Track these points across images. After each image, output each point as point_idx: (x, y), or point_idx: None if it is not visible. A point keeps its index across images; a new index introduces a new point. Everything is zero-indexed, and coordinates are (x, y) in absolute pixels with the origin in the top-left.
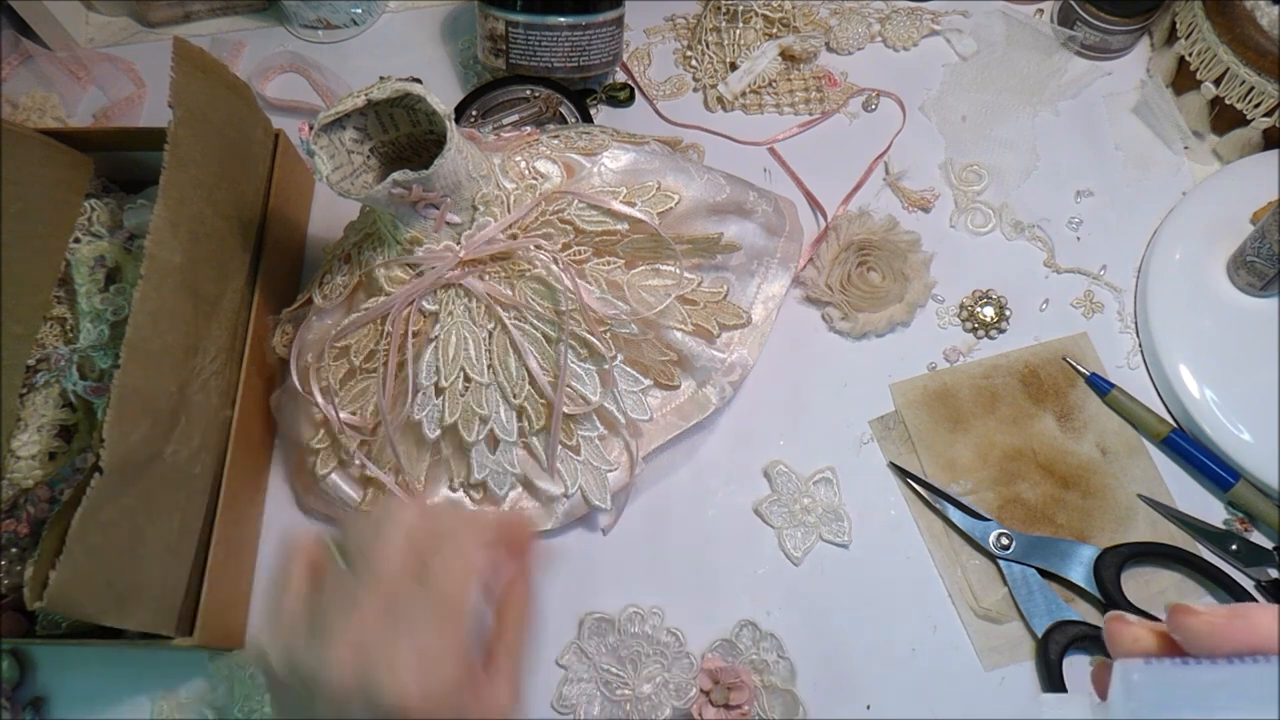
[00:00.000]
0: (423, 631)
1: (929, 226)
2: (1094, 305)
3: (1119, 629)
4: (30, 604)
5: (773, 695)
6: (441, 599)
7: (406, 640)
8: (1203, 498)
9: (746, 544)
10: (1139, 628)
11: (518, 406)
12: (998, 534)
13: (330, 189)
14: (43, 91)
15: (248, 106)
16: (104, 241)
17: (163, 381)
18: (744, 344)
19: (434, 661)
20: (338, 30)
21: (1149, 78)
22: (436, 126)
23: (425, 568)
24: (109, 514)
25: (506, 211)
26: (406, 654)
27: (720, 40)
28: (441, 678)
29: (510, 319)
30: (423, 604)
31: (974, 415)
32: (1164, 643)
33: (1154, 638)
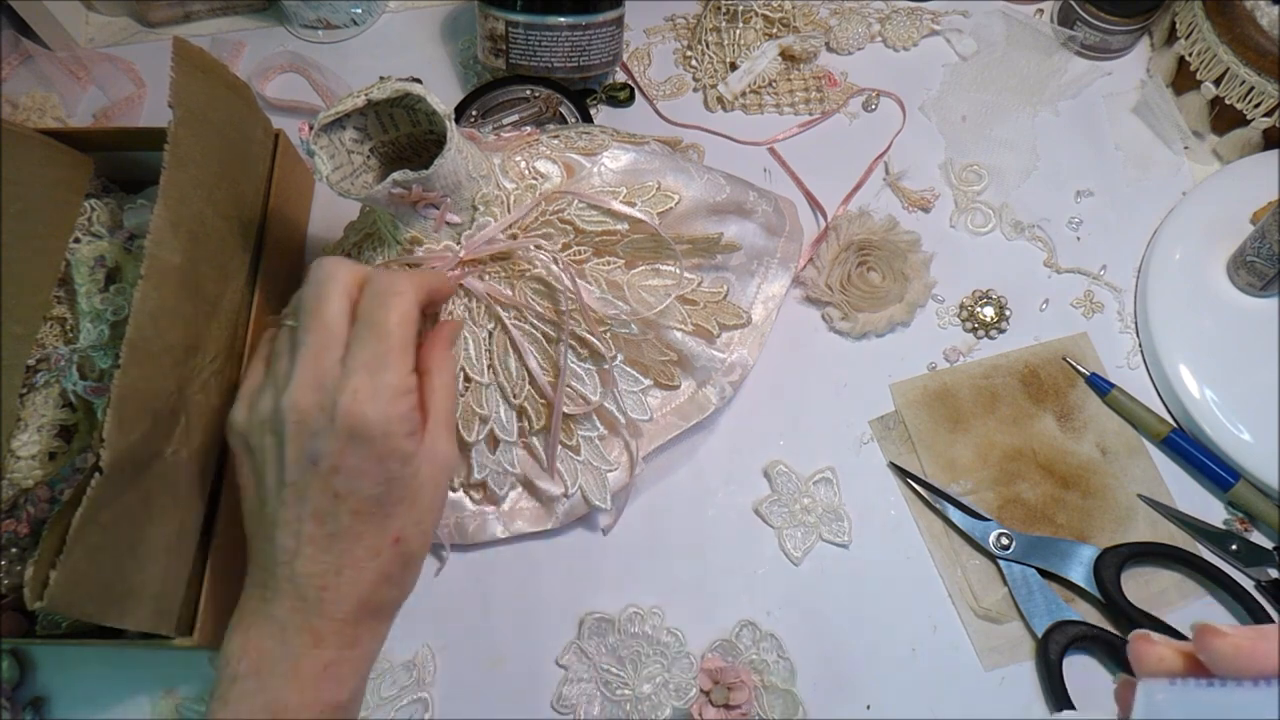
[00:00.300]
0: (372, 365)
1: (929, 226)
2: (1094, 305)
3: (1144, 648)
4: (30, 604)
5: (773, 695)
6: (380, 333)
7: (362, 374)
8: (1203, 498)
9: (746, 544)
10: (1164, 647)
11: (518, 406)
12: (998, 534)
13: (330, 189)
14: (43, 91)
15: (248, 106)
16: (104, 241)
17: (163, 381)
18: (744, 344)
19: (387, 389)
20: (338, 30)
21: (1149, 78)
22: (436, 126)
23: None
24: (109, 514)
25: (506, 211)
26: (363, 382)
27: (720, 40)
28: (396, 405)
29: (510, 319)
30: (366, 341)
31: (974, 415)
32: (1189, 663)
33: (1179, 658)
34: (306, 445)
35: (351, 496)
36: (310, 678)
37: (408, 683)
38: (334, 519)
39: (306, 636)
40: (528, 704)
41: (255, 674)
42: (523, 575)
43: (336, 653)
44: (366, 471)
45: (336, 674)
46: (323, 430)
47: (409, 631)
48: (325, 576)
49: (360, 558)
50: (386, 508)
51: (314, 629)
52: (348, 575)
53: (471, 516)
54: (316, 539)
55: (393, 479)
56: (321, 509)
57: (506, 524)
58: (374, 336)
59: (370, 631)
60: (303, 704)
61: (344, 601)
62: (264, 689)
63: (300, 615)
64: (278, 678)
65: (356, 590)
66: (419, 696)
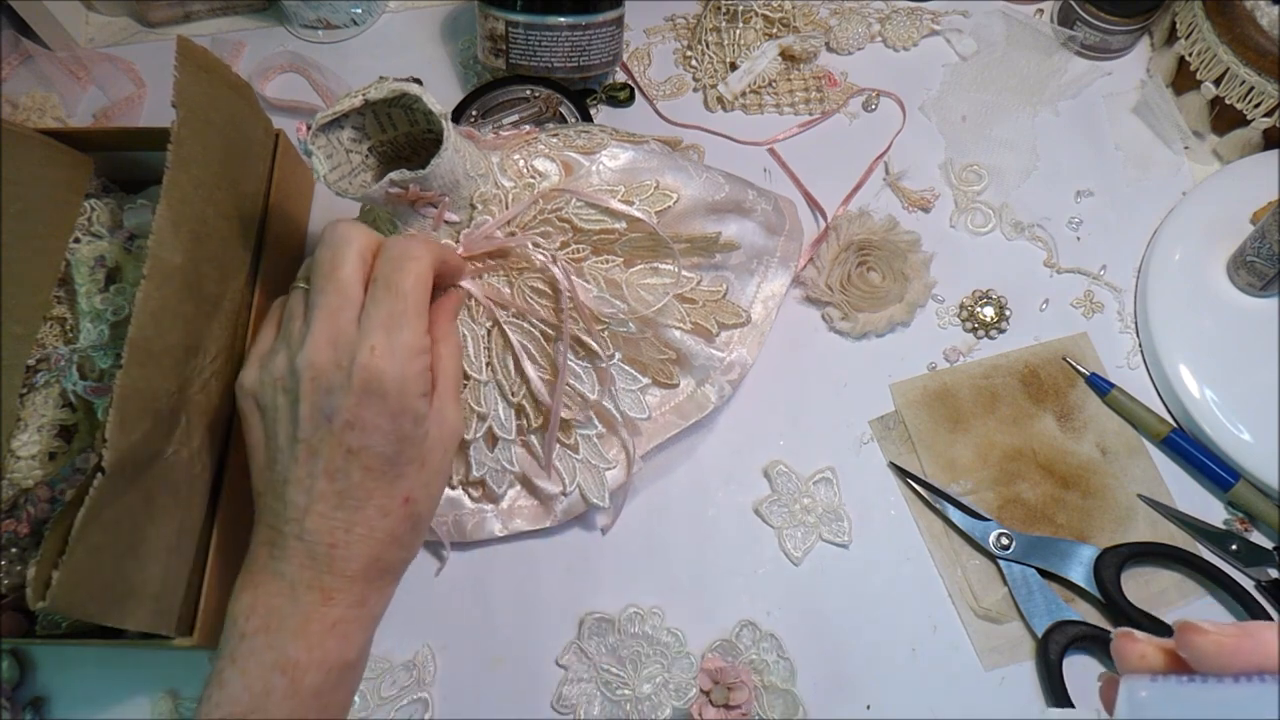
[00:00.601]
0: (388, 324)
1: (929, 226)
2: (1094, 305)
3: (1127, 645)
4: (33, 604)
5: (773, 695)
6: (397, 294)
7: (379, 333)
8: (1203, 498)
9: (746, 544)
10: (1147, 644)
11: (516, 404)
12: (998, 534)
13: (328, 188)
14: (43, 91)
15: (249, 106)
16: (104, 241)
17: (164, 381)
18: (743, 343)
19: (403, 348)
20: (338, 30)
21: (1149, 78)
22: (434, 126)
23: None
24: (111, 514)
25: (504, 210)
26: (380, 340)
27: (720, 40)
28: (412, 364)
29: (508, 318)
30: (383, 301)
31: (974, 415)
32: (1171, 660)
33: (1161, 655)
34: (321, 401)
35: (364, 453)
36: (319, 635)
37: (408, 683)
38: (345, 476)
39: (316, 594)
40: (528, 704)
41: (264, 631)
42: (522, 575)
43: (345, 610)
44: (380, 427)
45: (344, 632)
46: (339, 386)
47: (409, 631)
48: (335, 534)
49: (370, 516)
50: (398, 467)
51: (323, 586)
52: (358, 533)
53: (470, 514)
54: (328, 495)
55: (405, 438)
56: (334, 465)
57: (505, 522)
58: (390, 297)
59: (378, 591)
60: (311, 661)
61: (354, 560)
62: (273, 645)
63: (310, 572)
64: (286, 634)
65: (366, 548)
66: (419, 696)
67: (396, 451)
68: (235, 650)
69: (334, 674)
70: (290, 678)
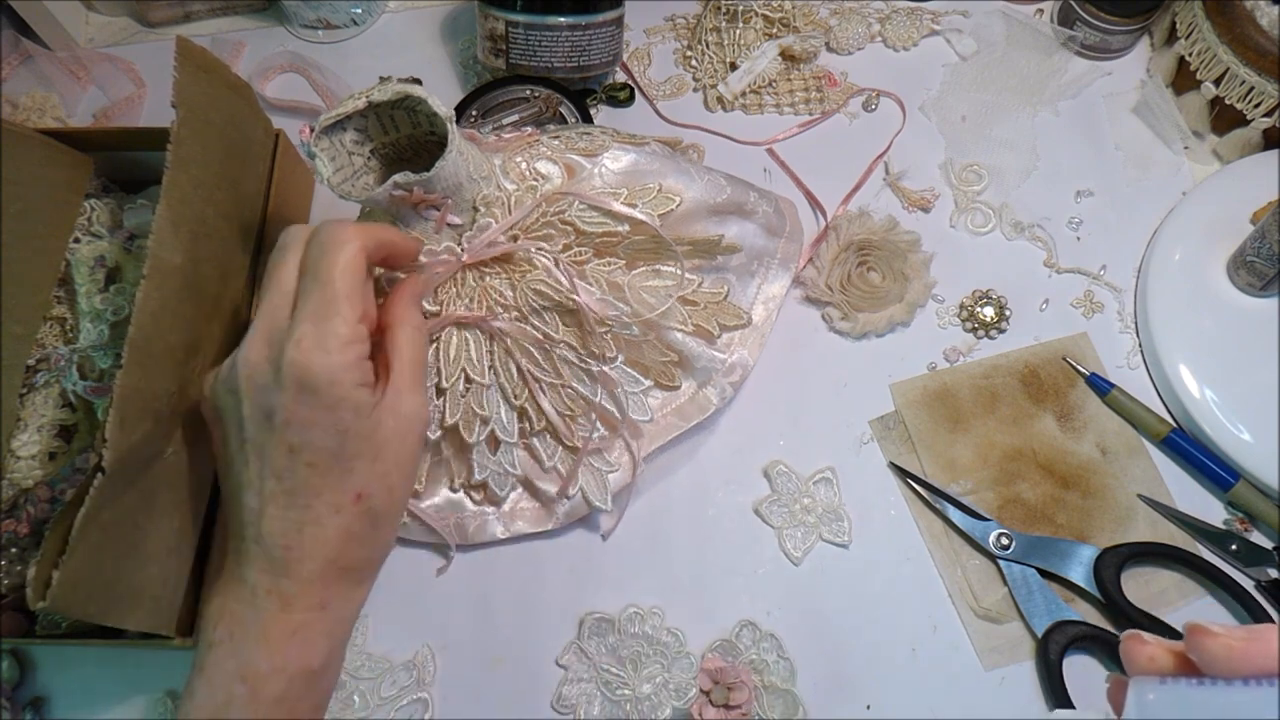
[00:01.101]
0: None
1: (929, 226)
2: (1094, 305)
3: (1135, 647)
4: (34, 604)
5: (773, 695)
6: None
7: (306, 324)
8: (1203, 498)
9: (746, 544)
10: (1155, 647)
11: (519, 407)
12: (998, 534)
13: (331, 191)
14: (43, 91)
15: (249, 106)
16: (104, 241)
17: (164, 382)
18: (744, 344)
19: (331, 337)
20: (338, 30)
21: (1149, 78)
22: (437, 128)
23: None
24: (111, 514)
25: (507, 213)
26: (307, 331)
27: (720, 40)
28: (343, 354)
29: (510, 320)
30: (310, 292)
31: (974, 415)
32: (1180, 662)
33: (1170, 657)
34: (260, 400)
35: (305, 449)
36: (279, 642)
37: (408, 683)
38: (291, 474)
39: (274, 599)
40: (528, 704)
41: (229, 639)
42: (523, 575)
43: (304, 615)
44: (316, 422)
45: (305, 638)
46: (271, 383)
47: (409, 631)
48: (288, 535)
49: (320, 514)
50: (344, 461)
51: (281, 591)
52: (310, 532)
53: (472, 517)
54: (277, 496)
55: (346, 431)
56: (279, 465)
57: (507, 524)
58: (317, 286)
59: (340, 594)
60: (273, 669)
61: (308, 560)
62: (236, 654)
63: (269, 577)
64: (249, 642)
65: (321, 549)
66: (419, 696)
67: (339, 445)
68: (203, 660)
69: (297, 682)
70: (250, 686)
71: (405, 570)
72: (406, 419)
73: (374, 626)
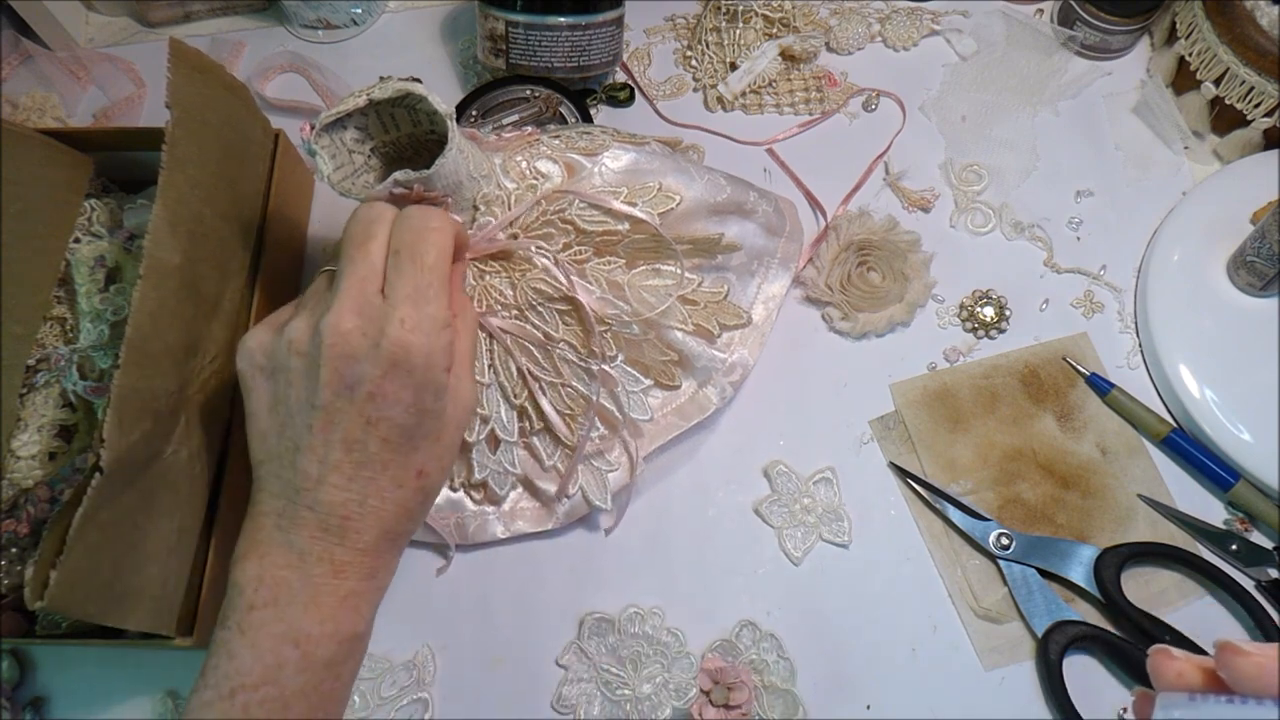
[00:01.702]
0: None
1: (929, 226)
2: (1094, 305)
3: (1163, 662)
4: (31, 604)
5: (773, 695)
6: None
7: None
8: (1203, 498)
9: (746, 544)
10: (1184, 662)
11: (519, 407)
12: (998, 534)
13: (332, 189)
14: (43, 91)
15: (246, 107)
16: (104, 241)
17: (163, 381)
18: (744, 344)
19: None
20: (338, 30)
21: (1149, 78)
22: (438, 126)
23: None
24: (110, 514)
25: (507, 211)
26: (409, 312)
27: (720, 40)
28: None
29: (510, 317)
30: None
31: (974, 415)
32: (1209, 679)
33: (1199, 673)
34: (344, 369)
35: (383, 424)
36: (331, 608)
37: (408, 683)
38: (363, 447)
39: (327, 566)
40: (528, 704)
41: (273, 603)
42: (523, 575)
43: (356, 584)
44: (402, 400)
45: (355, 605)
46: (365, 355)
47: (409, 631)
48: (349, 506)
49: (384, 488)
50: (415, 440)
51: (335, 559)
52: (371, 505)
53: (472, 516)
54: (343, 466)
55: (425, 411)
56: (351, 436)
57: (507, 524)
58: (415, 269)
59: (386, 564)
60: (323, 634)
61: (367, 532)
62: (283, 618)
63: (322, 545)
64: (297, 607)
65: (379, 522)
66: (419, 696)
67: (415, 424)
68: (243, 621)
69: (345, 646)
70: (303, 650)
71: (405, 570)
72: (464, 405)
73: (374, 626)
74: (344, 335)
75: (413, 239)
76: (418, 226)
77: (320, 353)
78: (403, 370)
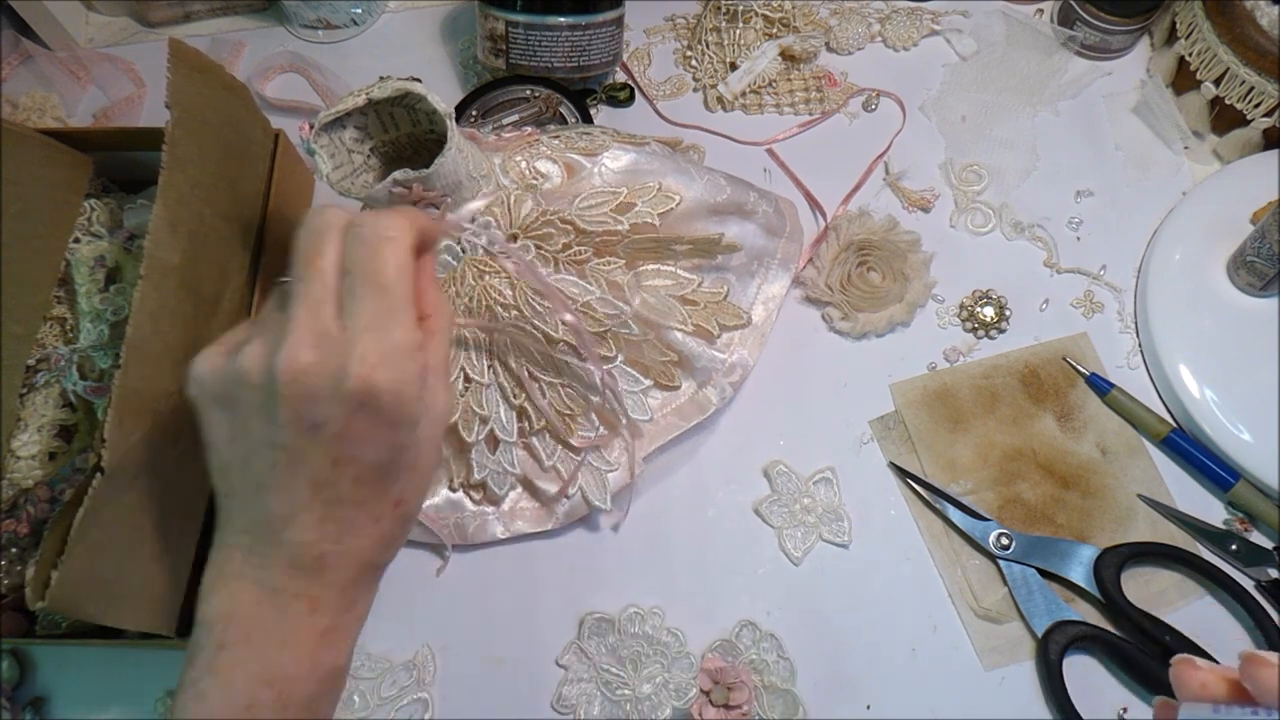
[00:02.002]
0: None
1: (929, 226)
2: (1094, 305)
3: (1187, 672)
4: (32, 604)
5: (773, 695)
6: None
7: (369, 336)
8: (1203, 498)
9: (746, 544)
10: (1209, 673)
11: (518, 407)
12: (998, 534)
13: (331, 188)
14: (43, 91)
15: (245, 107)
16: (104, 241)
17: (163, 381)
18: (744, 344)
19: (397, 352)
20: (338, 30)
21: (1149, 78)
22: (437, 126)
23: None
24: (110, 514)
25: (506, 212)
26: (371, 345)
27: (720, 40)
28: (408, 368)
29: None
30: (365, 296)
31: (974, 415)
32: (1234, 690)
33: (1224, 684)
34: (306, 411)
35: (354, 464)
36: (308, 645)
37: (408, 683)
38: (332, 487)
39: (303, 603)
40: (528, 704)
41: (245, 641)
42: (523, 575)
43: (335, 618)
44: (374, 439)
45: (334, 639)
46: (327, 395)
47: (409, 631)
48: (323, 544)
49: (361, 524)
50: (391, 474)
51: (311, 596)
52: (349, 543)
53: (472, 517)
54: (313, 506)
55: (399, 446)
56: (320, 477)
57: (507, 524)
58: (372, 291)
59: (366, 594)
60: (300, 674)
61: (345, 569)
62: (258, 657)
63: (298, 582)
64: (272, 646)
65: (358, 557)
66: (419, 696)
67: (389, 460)
68: (214, 661)
69: (325, 683)
70: (278, 690)
71: (405, 570)
72: (438, 419)
73: (374, 626)
74: (301, 373)
75: (366, 256)
76: (369, 239)
77: (276, 390)
78: (370, 410)
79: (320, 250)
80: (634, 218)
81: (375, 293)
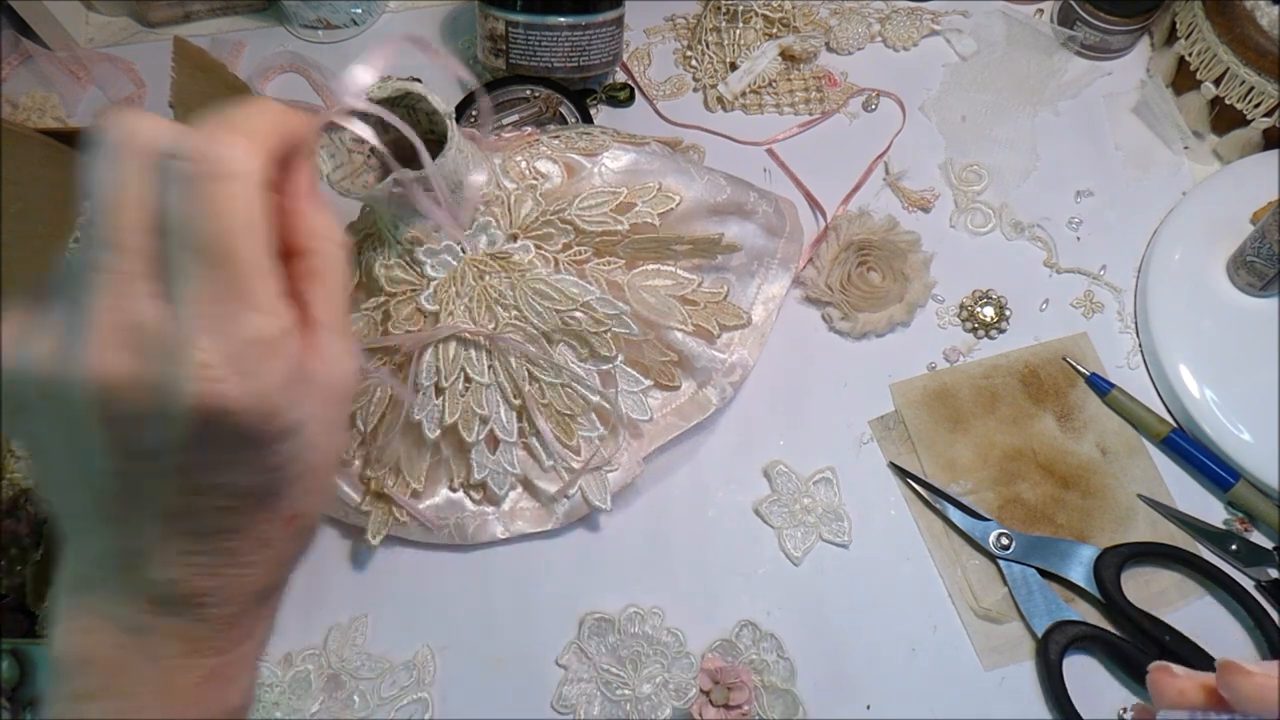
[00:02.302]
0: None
1: (929, 226)
2: (1094, 305)
3: (1164, 680)
4: (34, 605)
5: (773, 695)
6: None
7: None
8: (1203, 498)
9: (746, 544)
10: (1185, 680)
11: (518, 407)
12: (998, 534)
13: (331, 188)
14: (43, 91)
15: None
16: None
17: None
18: (744, 344)
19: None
20: (338, 30)
21: (1149, 78)
22: (437, 126)
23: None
24: None
25: (507, 212)
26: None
27: (720, 40)
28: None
29: (510, 319)
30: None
31: (974, 415)
32: (1210, 697)
33: (1201, 692)
34: (127, 434)
35: (215, 491)
36: (191, 690)
37: (408, 683)
38: (193, 518)
39: (180, 645)
40: (528, 704)
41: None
42: (523, 575)
43: (224, 657)
44: (236, 464)
45: (227, 676)
46: (154, 417)
47: (409, 631)
48: (194, 581)
49: (244, 552)
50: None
51: (189, 636)
52: (230, 575)
53: (471, 517)
54: (170, 540)
55: (276, 466)
56: (172, 509)
57: (506, 524)
58: (206, 260)
59: (266, 617)
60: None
61: (229, 604)
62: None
63: (168, 622)
64: (144, 696)
65: (246, 586)
66: (419, 696)
67: (266, 481)
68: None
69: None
70: None
71: (405, 570)
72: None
73: (374, 626)
74: (111, 388)
75: (193, 207)
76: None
77: (75, 404)
78: (223, 431)
79: (120, 199)
80: (634, 218)
81: (210, 263)
